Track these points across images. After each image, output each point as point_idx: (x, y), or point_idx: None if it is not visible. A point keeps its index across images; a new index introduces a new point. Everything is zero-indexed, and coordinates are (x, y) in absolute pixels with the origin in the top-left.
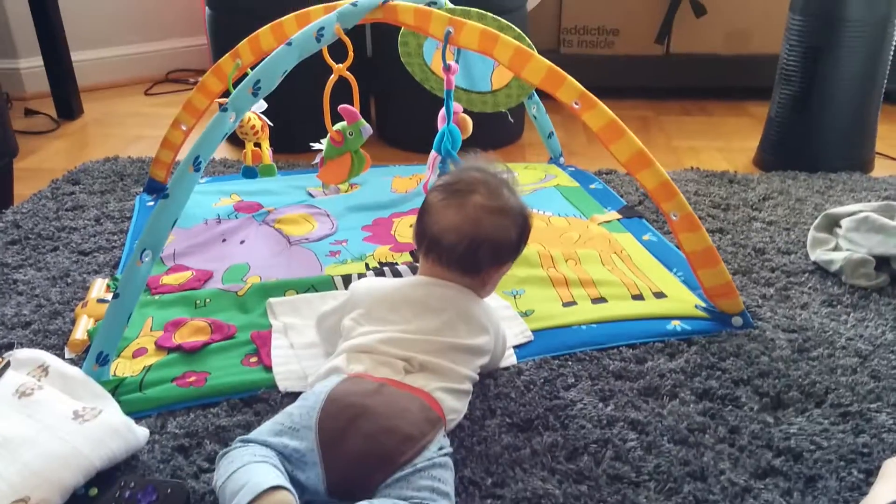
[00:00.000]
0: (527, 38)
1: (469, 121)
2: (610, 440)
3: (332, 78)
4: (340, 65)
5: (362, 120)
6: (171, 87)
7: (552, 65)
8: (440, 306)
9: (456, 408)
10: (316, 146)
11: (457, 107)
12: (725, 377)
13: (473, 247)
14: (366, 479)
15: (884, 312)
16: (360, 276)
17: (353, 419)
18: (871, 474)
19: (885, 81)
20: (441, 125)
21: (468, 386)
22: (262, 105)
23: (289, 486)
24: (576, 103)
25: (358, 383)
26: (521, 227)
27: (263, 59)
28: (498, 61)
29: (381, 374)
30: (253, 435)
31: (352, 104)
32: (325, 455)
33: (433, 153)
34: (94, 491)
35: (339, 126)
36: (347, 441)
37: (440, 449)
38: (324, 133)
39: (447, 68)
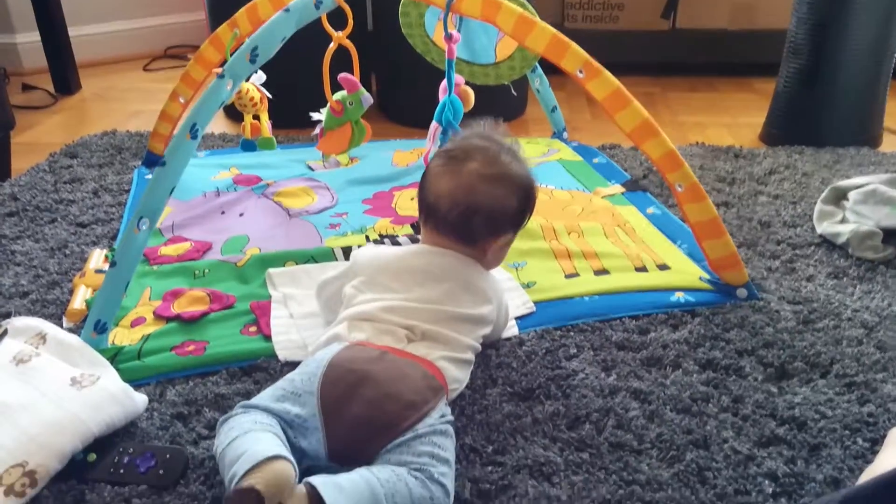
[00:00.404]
0: (530, 6)
1: (471, 93)
2: (612, 409)
3: (332, 46)
4: (340, 33)
5: (362, 89)
6: (169, 63)
7: (556, 32)
8: (442, 275)
9: (458, 377)
10: (315, 116)
11: (459, 79)
12: (729, 348)
13: (467, 215)
14: (367, 444)
15: (890, 285)
16: (361, 247)
17: (355, 385)
18: (876, 443)
19: (895, 55)
20: (442, 96)
21: (470, 356)
22: (261, 77)
23: (289, 455)
24: (580, 72)
25: (360, 350)
26: (522, 197)
27: None
28: (501, 29)
29: (383, 343)
30: (254, 400)
31: (352, 73)
32: (326, 420)
33: (434, 124)
34: (92, 457)
35: (338, 95)
36: (349, 407)
37: (441, 416)
38: (324, 103)
39: (448, 37)
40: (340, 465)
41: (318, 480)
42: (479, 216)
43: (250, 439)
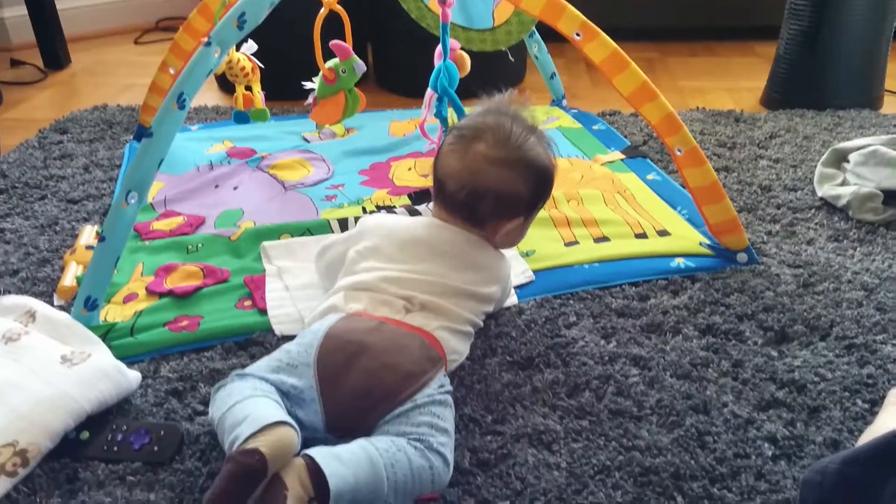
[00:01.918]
0: None
1: (467, 58)
2: (612, 376)
3: (322, 12)
4: None
5: (355, 56)
6: (161, 36)
7: None
8: (449, 250)
9: (457, 349)
10: (308, 85)
11: (454, 44)
12: (729, 312)
13: (473, 197)
14: (365, 415)
15: (891, 246)
16: (357, 219)
17: (353, 356)
18: (875, 404)
19: None
20: (438, 62)
21: (470, 329)
22: (251, 46)
23: (292, 421)
24: (577, 34)
25: (357, 321)
26: (535, 181)
27: None
28: None
29: (380, 314)
30: (250, 370)
31: (344, 40)
32: (323, 392)
33: (429, 91)
34: (85, 434)
35: (331, 63)
36: (347, 377)
37: (440, 387)
38: (317, 72)
39: (443, 1)
40: (338, 437)
41: (316, 452)
42: (485, 200)
43: (252, 404)
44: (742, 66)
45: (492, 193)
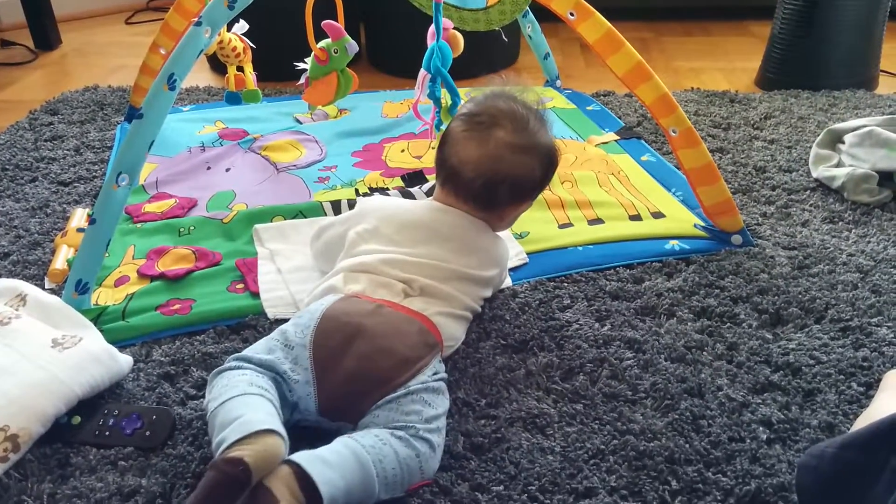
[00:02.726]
0: None
1: (460, 37)
2: (606, 359)
3: None
4: None
5: (347, 36)
6: (152, 16)
7: None
8: (450, 234)
9: (455, 335)
10: (300, 66)
11: (447, 23)
12: (724, 295)
13: (492, 184)
14: (358, 399)
15: (886, 228)
16: (350, 202)
17: (349, 338)
18: (870, 387)
19: None
20: (430, 42)
21: (469, 314)
22: (243, 26)
23: (281, 429)
24: (571, 14)
25: (355, 303)
26: (546, 166)
27: None
28: None
29: (379, 296)
30: (248, 352)
31: (336, 21)
32: (318, 373)
33: (422, 72)
34: (76, 419)
35: (323, 43)
36: (342, 360)
37: (435, 374)
38: (310, 53)
39: None
40: (331, 420)
41: (302, 458)
42: (504, 185)
43: (244, 404)
44: (737, 47)
45: (510, 179)
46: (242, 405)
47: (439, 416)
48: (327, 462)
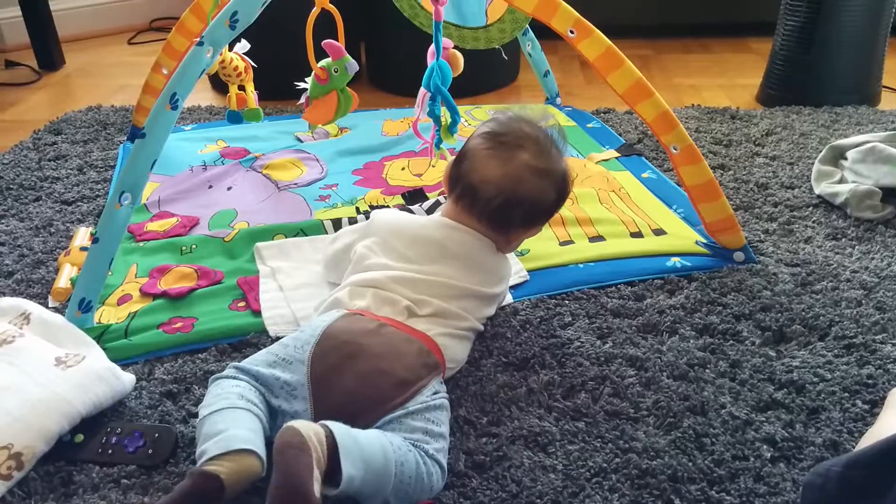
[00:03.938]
0: None
1: (460, 56)
2: (608, 377)
3: (315, 11)
4: None
5: (347, 56)
6: (155, 36)
7: None
8: (460, 251)
9: (458, 357)
10: (301, 85)
11: (447, 42)
12: (726, 312)
13: (509, 205)
14: (354, 418)
15: (890, 244)
16: (351, 220)
17: (348, 357)
18: (875, 405)
19: (894, 12)
20: (430, 60)
21: (472, 335)
22: (244, 45)
23: (261, 450)
24: (571, 32)
25: (357, 321)
26: (560, 192)
27: None
28: None
29: (383, 313)
30: (247, 363)
31: (337, 40)
32: (314, 391)
33: (422, 90)
34: (79, 437)
35: (323, 63)
36: (339, 379)
37: (435, 393)
38: (311, 72)
39: None
40: None
41: (334, 426)
42: (520, 208)
43: (230, 419)
44: (737, 63)
45: (528, 202)
46: (228, 419)
47: (444, 436)
48: (357, 441)
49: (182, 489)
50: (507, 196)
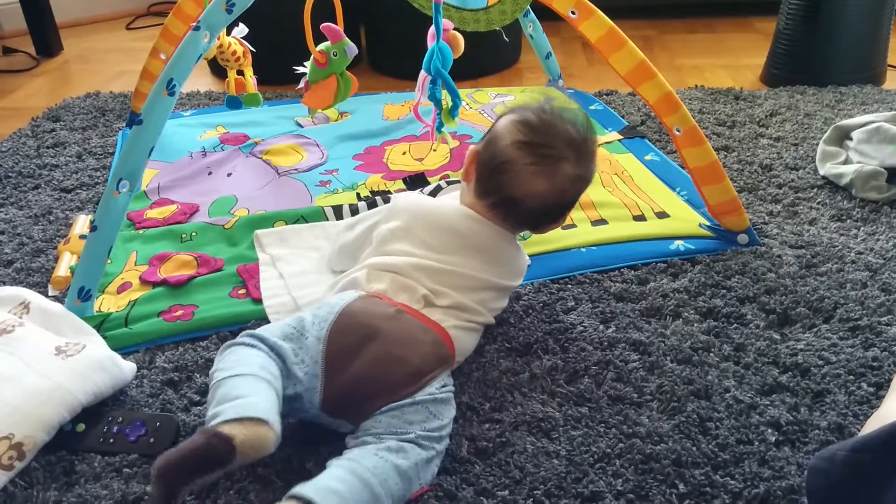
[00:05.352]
0: None
1: (460, 38)
2: (611, 362)
3: None
4: None
5: (346, 39)
6: (153, 21)
7: None
8: (483, 245)
9: (466, 349)
10: (300, 69)
11: (447, 24)
12: (730, 295)
13: (550, 213)
14: (363, 401)
15: (895, 225)
16: (352, 206)
17: (364, 339)
18: (881, 387)
19: None
20: (431, 43)
21: (482, 329)
22: (242, 30)
23: (277, 425)
24: (572, 12)
25: (375, 303)
26: (586, 188)
27: None
28: None
29: (399, 299)
30: (263, 332)
31: (336, 23)
32: (327, 369)
33: (423, 73)
34: (81, 427)
35: (322, 46)
36: (353, 361)
37: (443, 386)
38: (309, 57)
39: None
40: (331, 417)
41: (314, 493)
42: (559, 212)
43: (251, 386)
44: (741, 43)
45: (567, 206)
46: (249, 386)
47: (444, 426)
48: (339, 494)
49: (192, 445)
50: (550, 208)
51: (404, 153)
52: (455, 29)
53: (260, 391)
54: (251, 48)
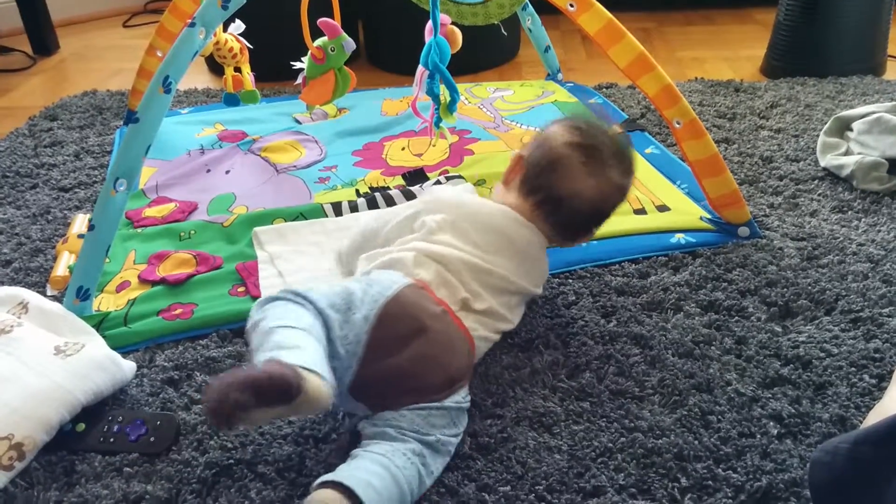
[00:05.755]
0: None
1: (458, 33)
2: (612, 356)
3: None
4: None
5: (344, 34)
6: (150, 19)
7: None
8: (523, 248)
9: (478, 359)
10: (297, 65)
11: (445, 18)
12: (732, 288)
13: (589, 221)
14: (393, 394)
15: None
16: (351, 203)
17: (413, 334)
18: (883, 379)
19: None
20: (428, 38)
21: (498, 339)
22: (239, 26)
23: (332, 386)
24: (571, 5)
25: (425, 298)
26: (622, 202)
27: None
28: None
29: (440, 295)
30: (311, 295)
31: (333, 18)
32: (368, 352)
33: (420, 68)
34: (81, 426)
35: (319, 42)
36: (397, 353)
37: (466, 396)
38: (307, 52)
39: None
40: (354, 399)
41: (352, 482)
42: (598, 220)
43: (307, 341)
44: (741, 35)
45: (606, 216)
46: (303, 340)
47: (459, 434)
48: (376, 489)
49: (257, 374)
50: (593, 212)
51: (403, 149)
52: (453, 23)
53: (317, 350)
54: (248, 45)
